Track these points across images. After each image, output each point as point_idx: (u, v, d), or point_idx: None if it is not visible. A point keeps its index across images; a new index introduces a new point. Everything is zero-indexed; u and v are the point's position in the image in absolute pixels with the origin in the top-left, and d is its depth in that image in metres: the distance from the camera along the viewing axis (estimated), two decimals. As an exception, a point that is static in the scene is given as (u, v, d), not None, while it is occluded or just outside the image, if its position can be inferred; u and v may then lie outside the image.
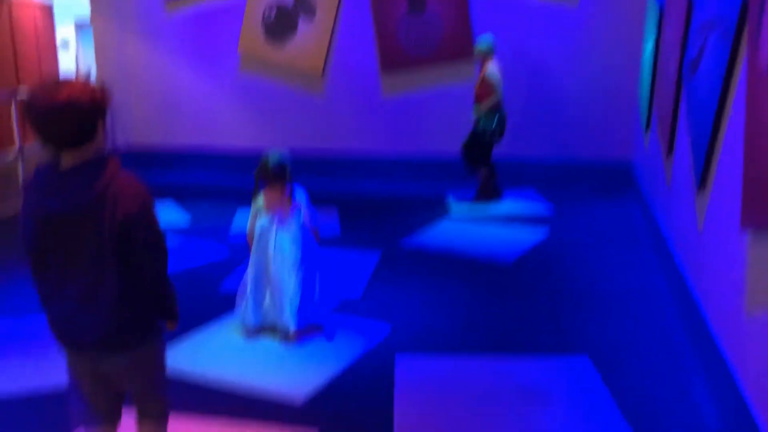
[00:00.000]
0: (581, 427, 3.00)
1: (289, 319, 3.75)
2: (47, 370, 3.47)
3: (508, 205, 6.79)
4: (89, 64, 11.37)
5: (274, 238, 3.77)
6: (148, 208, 2.11)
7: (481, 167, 6.81)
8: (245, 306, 3.88)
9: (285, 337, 3.79)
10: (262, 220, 3.81)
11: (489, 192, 6.88)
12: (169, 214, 6.37)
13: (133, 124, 8.28)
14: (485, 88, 6.57)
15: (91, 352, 2.20)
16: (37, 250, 2.09)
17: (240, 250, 5.27)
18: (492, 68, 6.55)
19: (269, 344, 3.78)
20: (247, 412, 3.10)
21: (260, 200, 3.80)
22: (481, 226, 6.11)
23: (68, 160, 2.04)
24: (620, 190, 7.20)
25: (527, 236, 5.78)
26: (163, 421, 2.44)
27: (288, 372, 3.48)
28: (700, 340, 3.46)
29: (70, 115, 1.99)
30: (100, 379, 2.27)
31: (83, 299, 2.10)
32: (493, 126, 6.62)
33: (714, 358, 3.15)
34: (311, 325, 3.86)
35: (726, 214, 3.13)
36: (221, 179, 7.77)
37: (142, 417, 2.41)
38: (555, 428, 2.99)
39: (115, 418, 2.38)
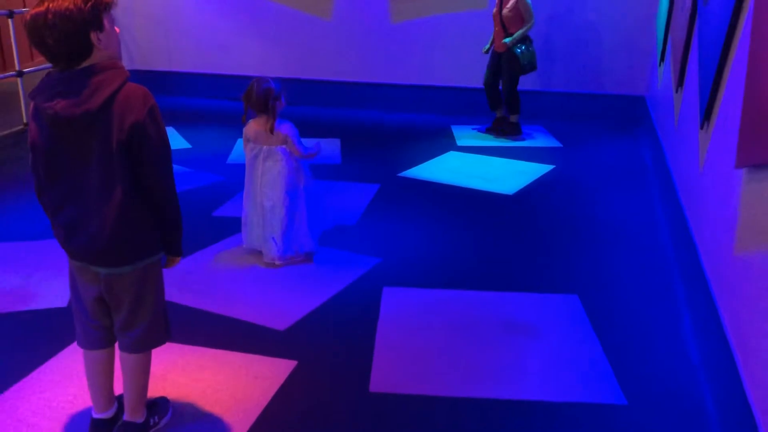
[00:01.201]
0: (560, 362, 3.00)
1: (273, 248, 3.77)
2: (47, 292, 3.51)
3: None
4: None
5: (260, 168, 3.73)
6: (156, 116, 2.13)
7: (512, 100, 6.51)
8: (243, 230, 3.94)
9: (271, 265, 3.82)
10: (249, 149, 3.77)
11: (514, 127, 6.64)
12: (170, 141, 6.31)
13: (135, 49, 8.14)
14: (517, 13, 6.26)
15: (90, 262, 2.23)
16: (46, 155, 2.11)
17: (237, 175, 5.23)
18: None
19: (257, 272, 3.79)
20: (229, 341, 3.12)
21: (247, 128, 3.75)
22: (486, 159, 6.00)
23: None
24: (633, 126, 7.01)
25: (532, 170, 5.68)
26: (144, 352, 2.40)
27: (272, 301, 3.49)
28: (693, 281, 3.40)
29: (55, 28, 1.98)
30: (99, 293, 2.30)
31: (89, 208, 2.13)
32: (529, 57, 6.33)
33: (704, 297, 3.10)
34: (298, 255, 3.87)
35: (725, 153, 3.02)
36: (225, 106, 7.67)
37: (122, 346, 2.39)
38: (530, 362, 2.99)
39: (113, 339, 2.42)
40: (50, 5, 1.98)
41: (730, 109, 2.99)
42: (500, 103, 6.67)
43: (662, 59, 5.82)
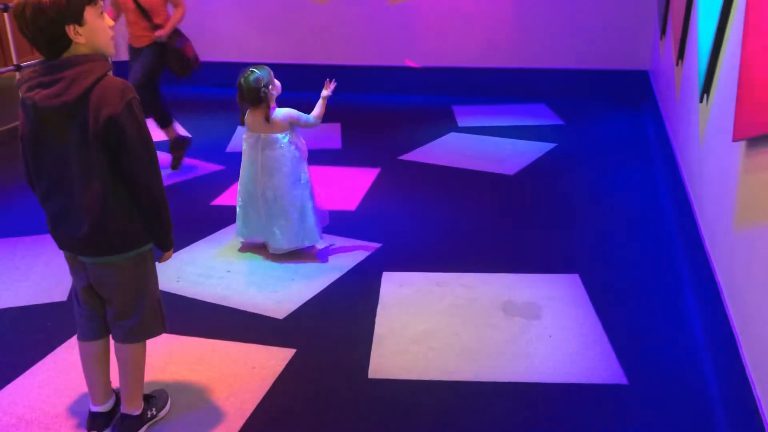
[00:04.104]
0: (561, 343, 2.97)
1: (279, 239, 3.71)
2: (46, 287, 3.52)
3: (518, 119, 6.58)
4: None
5: (259, 157, 3.68)
6: (134, 110, 2.11)
7: (156, 108, 5.01)
8: (237, 221, 3.88)
9: (273, 255, 3.78)
10: (247, 138, 3.74)
11: (177, 143, 5.16)
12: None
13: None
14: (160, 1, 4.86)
15: (75, 252, 2.26)
16: (32, 145, 2.15)
17: (236, 164, 5.20)
18: None
19: (255, 261, 3.77)
20: (227, 331, 3.11)
21: (246, 118, 3.71)
22: (487, 139, 5.95)
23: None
24: (636, 101, 6.92)
25: (534, 149, 5.62)
26: (137, 342, 2.40)
27: (271, 290, 3.47)
28: (696, 258, 3.36)
29: (29, 20, 2.00)
30: (88, 282, 2.32)
31: (72, 199, 2.14)
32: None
33: (706, 274, 3.06)
34: (305, 247, 3.80)
35: (724, 127, 2.96)
36: (222, 93, 7.60)
37: (116, 337, 2.40)
38: (531, 343, 2.96)
39: (107, 329, 2.42)
40: None
41: (729, 82, 2.93)
42: (168, 116, 5.10)
43: (663, 32, 5.73)
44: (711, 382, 2.69)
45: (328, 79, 3.84)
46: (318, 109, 3.76)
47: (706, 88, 3.38)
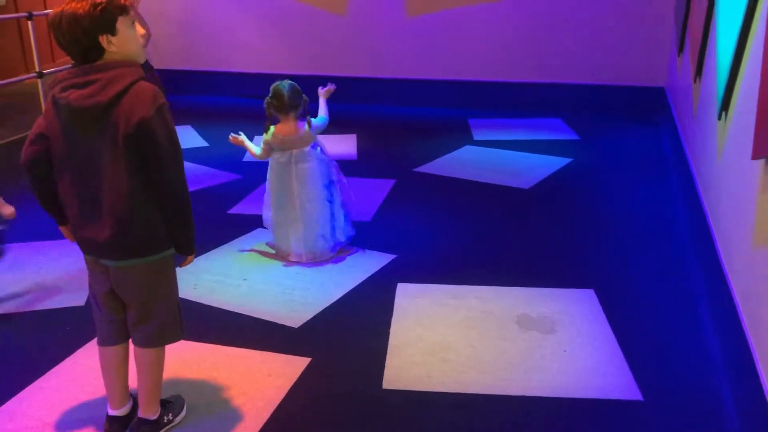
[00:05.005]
0: (575, 358, 2.96)
1: (325, 244, 3.86)
2: (63, 291, 3.56)
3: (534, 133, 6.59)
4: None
5: (293, 171, 3.75)
6: (164, 115, 2.16)
7: None
8: (275, 235, 3.92)
9: (290, 263, 3.84)
10: (277, 157, 3.78)
11: None
12: (187, 139, 6.36)
13: (152, 49, 8.18)
14: None
15: (98, 255, 2.29)
16: (59, 145, 2.18)
17: (253, 173, 5.25)
18: None
19: (271, 270, 3.80)
20: (243, 338, 3.14)
21: (272, 134, 3.75)
22: (502, 152, 5.96)
23: None
24: (653, 118, 6.91)
25: (549, 163, 5.62)
26: (157, 347, 2.44)
27: (286, 298, 3.50)
28: (712, 274, 3.35)
29: (65, 30, 2.08)
30: (110, 287, 2.35)
31: (97, 201, 2.18)
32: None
33: (722, 291, 3.05)
34: (344, 243, 3.96)
35: (742, 144, 2.97)
36: (240, 103, 7.69)
37: (136, 341, 2.44)
38: (545, 357, 2.96)
39: (127, 334, 2.45)
40: (65, 8, 2.09)
41: (748, 100, 2.94)
42: None
43: (681, 49, 5.74)
44: (727, 400, 2.68)
45: (329, 85, 3.98)
46: (324, 108, 3.91)
47: (725, 105, 3.39)
